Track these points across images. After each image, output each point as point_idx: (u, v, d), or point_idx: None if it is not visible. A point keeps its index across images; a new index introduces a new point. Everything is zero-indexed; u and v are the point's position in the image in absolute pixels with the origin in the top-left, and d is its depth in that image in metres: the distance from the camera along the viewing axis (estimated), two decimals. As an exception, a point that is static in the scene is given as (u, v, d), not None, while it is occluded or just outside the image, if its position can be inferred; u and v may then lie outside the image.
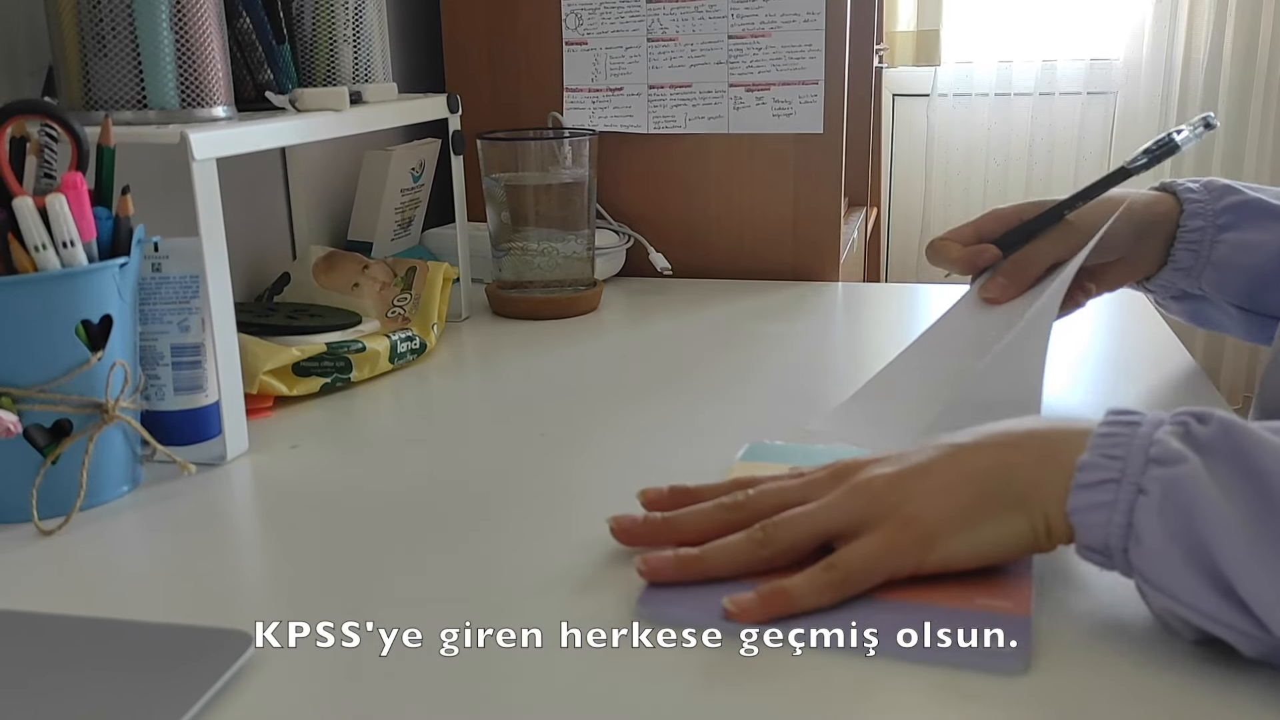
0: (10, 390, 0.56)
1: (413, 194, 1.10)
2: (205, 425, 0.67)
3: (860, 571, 0.47)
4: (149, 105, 0.66)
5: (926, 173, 2.68)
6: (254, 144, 0.70)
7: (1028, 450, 0.47)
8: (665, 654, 0.44)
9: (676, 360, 0.87)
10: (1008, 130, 2.61)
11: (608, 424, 0.71)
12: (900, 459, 0.49)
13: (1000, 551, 0.47)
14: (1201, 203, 0.73)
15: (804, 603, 0.46)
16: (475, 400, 0.80)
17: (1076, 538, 0.45)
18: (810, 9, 1.06)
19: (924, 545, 0.47)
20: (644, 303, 1.05)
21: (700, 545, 0.50)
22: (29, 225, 0.55)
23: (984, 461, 0.48)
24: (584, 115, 1.13)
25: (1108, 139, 2.56)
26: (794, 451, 0.64)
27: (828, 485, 0.50)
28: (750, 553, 0.49)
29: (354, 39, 0.85)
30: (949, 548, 0.47)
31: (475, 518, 0.58)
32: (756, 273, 1.13)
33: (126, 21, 0.65)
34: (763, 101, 1.09)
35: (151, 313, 0.65)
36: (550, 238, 0.98)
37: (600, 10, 1.10)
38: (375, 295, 0.91)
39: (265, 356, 0.74)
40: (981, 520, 0.47)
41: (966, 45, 2.62)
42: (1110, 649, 0.44)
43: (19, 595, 0.51)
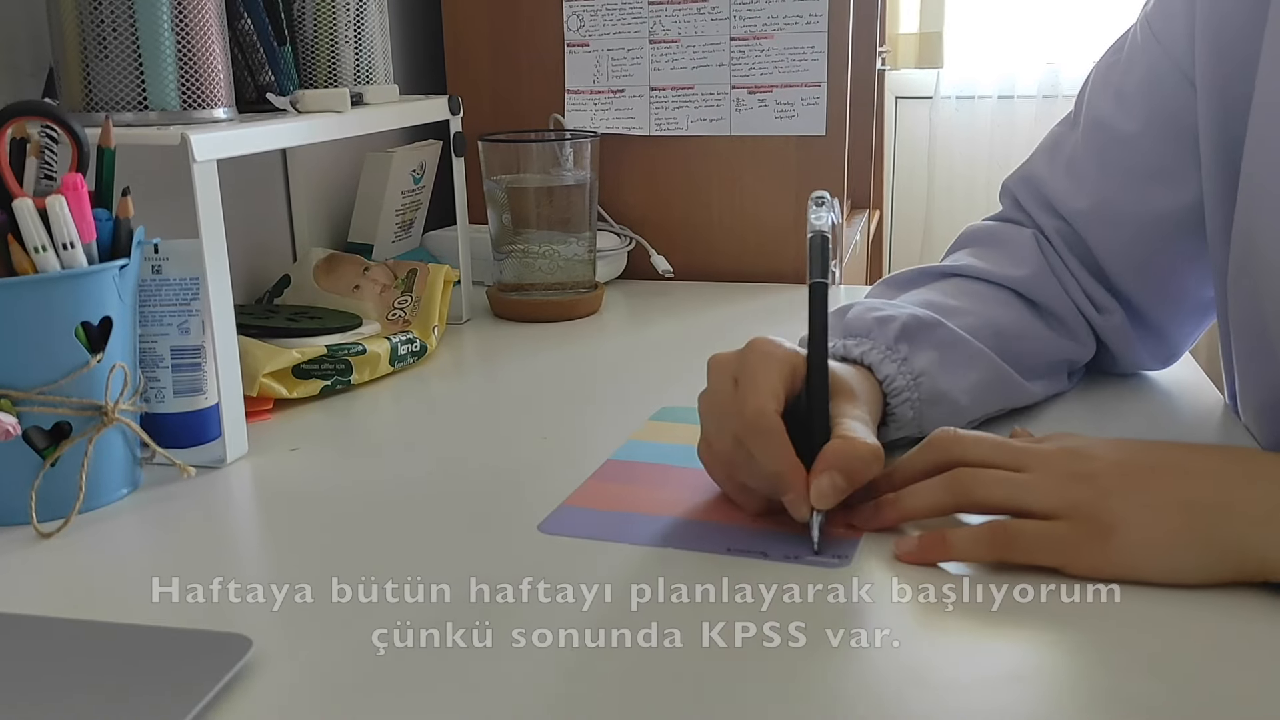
0: (10, 392, 0.56)
1: (414, 196, 1.09)
2: (205, 428, 0.67)
3: (1033, 552, 0.49)
4: (150, 107, 0.66)
5: (929, 175, 2.68)
6: (255, 146, 0.70)
7: (1256, 497, 0.47)
8: (667, 654, 0.44)
9: (678, 363, 0.87)
10: (1010, 133, 2.60)
11: (609, 427, 0.71)
12: (1124, 460, 0.50)
13: (1188, 580, 0.47)
14: (887, 361, 0.64)
15: (961, 555, 0.50)
16: (476, 403, 0.80)
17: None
18: (813, 11, 1.06)
19: (1112, 560, 0.48)
20: (645, 305, 1.05)
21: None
22: (29, 227, 0.55)
23: (1207, 494, 0.48)
24: (586, 117, 1.13)
25: (1110, 142, 2.55)
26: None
27: (1046, 461, 0.51)
28: (938, 500, 0.52)
29: (355, 40, 0.85)
30: (1136, 567, 0.48)
31: (476, 520, 0.58)
32: (758, 275, 1.13)
33: (128, 23, 0.65)
34: (765, 104, 1.09)
35: (151, 315, 0.65)
36: (552, 240, 0.98)
37: (602, 12, 1.10)
38: (376, 298, 0.90)
39: (265, 359, 0.74)
40: (1182, 551, 0.47)
41: (969, 48, 2.62)
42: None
43: (17, 598, 0.50)
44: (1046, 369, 0.72)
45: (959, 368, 0.65)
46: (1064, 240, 0.73)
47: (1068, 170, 0.73)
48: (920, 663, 0.44)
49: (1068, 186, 0.72)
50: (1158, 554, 0.47)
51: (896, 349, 0.63)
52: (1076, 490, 0.49)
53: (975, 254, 0.74)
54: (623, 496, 0.60)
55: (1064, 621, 0.46)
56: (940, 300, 0.69)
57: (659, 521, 0.57)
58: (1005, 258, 0.73)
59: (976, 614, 0.48)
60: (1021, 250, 0.72)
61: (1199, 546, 0.47)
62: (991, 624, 0.47)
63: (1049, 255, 0.72)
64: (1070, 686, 0.42)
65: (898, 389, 0.62)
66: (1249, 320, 0.62)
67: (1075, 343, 0.73)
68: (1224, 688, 0.41)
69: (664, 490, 0.60)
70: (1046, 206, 0.74)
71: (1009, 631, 0.46)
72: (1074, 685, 0.42)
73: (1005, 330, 0.69)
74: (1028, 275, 0.71)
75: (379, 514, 0.59)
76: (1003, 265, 0.72)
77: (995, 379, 0.67)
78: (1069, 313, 0.72)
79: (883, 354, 0.63)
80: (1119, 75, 0.72)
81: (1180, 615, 0.46)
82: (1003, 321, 0.69)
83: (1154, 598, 0.47)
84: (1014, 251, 0.73)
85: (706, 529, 0.56)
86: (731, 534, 0.55)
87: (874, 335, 0.64)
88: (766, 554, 0.53)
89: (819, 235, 0.57)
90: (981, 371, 0.66)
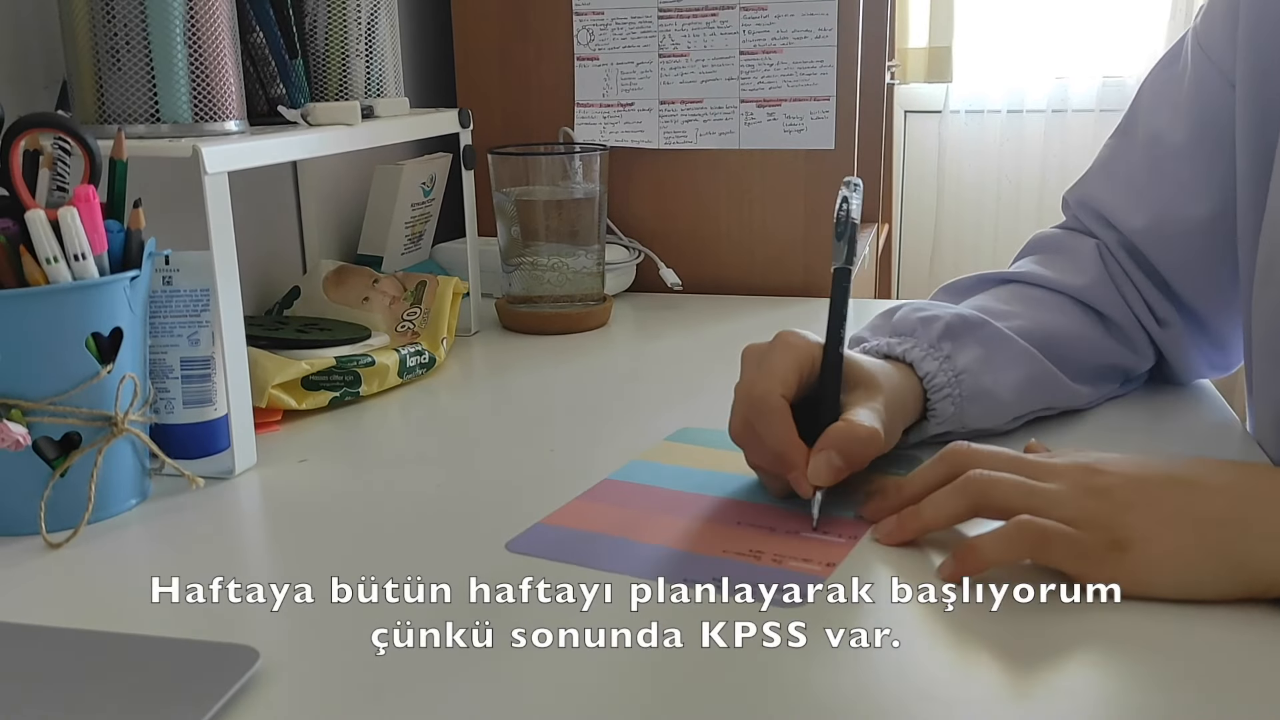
0: (20, 402, 0.56)
1: (423, 208, 1.10)
2: (214, 439, 0.67)
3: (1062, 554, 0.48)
4: (162, 119, 0.67)
5: (938, 189, 2.68)
6: (266, 158, 0.70)
7: (1270, 513, 0.47)
8: (667, 654, 0.44)
9: (686, 376, 0.87)
10: (1020, 147, 2.60)
11: (617, 439, 0.71)
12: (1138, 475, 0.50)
13: (1201, 595, 0.47)
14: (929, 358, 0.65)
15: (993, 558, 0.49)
16: (484, 415, 0.80)
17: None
18: (822, 25, 1.06)
19: (1127, 574, 0.48)
20: (654, 318, 1.05)
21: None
22: (41, 238, 0.55)
23: (1220, 509, 0.48)
24: (595, 130, 1.13)
25: (1120, 156, 2.55)
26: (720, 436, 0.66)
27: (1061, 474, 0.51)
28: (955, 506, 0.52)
29: (366, 54, 0.85)
30: (1151, 583, 0.48)
31: (483, 532, 0.58)
32: (767, 289, 1.13)
33: (140, 36, 0.66)
34: (774, 117, 1.09)
35: (162, 326, 0.65)
36: (560, 253, 0.98)
37: (612, 26, 1.11)
38: (385, 309, 0.91)
39: (274, 370, 0.74)
40: (1196, 567, 0.47)
41: (978, 62, 2.62)
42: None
43: (26, 608, 0.51)
44: (1097, 373, 0.72)
45: (1003, 366, 0.66)
46: (1126, 252, 0.73)
47: (1126, 186, 0.74)
48: (920, 663, 0.44)
49: (1124, 203, 0.73)
50: (1172, 569, 0.47)
51: (939, 347, 0.65)
52: (1092, 503, 0.49)
53: (1038, 261, 0.76)
54: (606, 518, 0.58)
55: (1064, 622, 0.47)
56: (992, 305, 0.71)
57: (632, 547, 0.55)
58: (1067, 265, 0.74)
59: (976, 614, 0.48)
60: (1083, 259, 0.74)
61: (1213, 562, 0.47)
62: (992, 624, 0.47)
63: (1109, 265, 0.73)
64: (1070, 687, 0.42)
65: (938, 385, 0.64)
66: (1272, 331, 0.62)
67: (1133, 352, 0.74)
68: (1226, 698, 0.41)
69: (650, 514, 0.59)
70: (1104, 222, 0.75)
71: (1009, 631, 0.46)
72: (1074, 686, 0.42)
73: (1056, 333, 0.70)
74: (1087, 283, 0.72)
75: (387, 525, 0.59)
76: (1063, 273, 0.73)
77: (1040, 378, 0.68)
78: (1128, 322, 0.73)
79: (924, 351, 0.65)
80: (1170, 88, 0.73)
81: (1181, 619, 0.46)
82: (1054, 325, 0.70)
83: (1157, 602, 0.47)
84: (1075, 260, 0.74)
85: (679, 558, 0.53)
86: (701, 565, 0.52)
87: (917, 334, 0.67)
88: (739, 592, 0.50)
89: (846, 221, 0.60)
90: (1026, 370, 0.67)
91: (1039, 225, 0.81)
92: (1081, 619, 0.47)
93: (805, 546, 0.54)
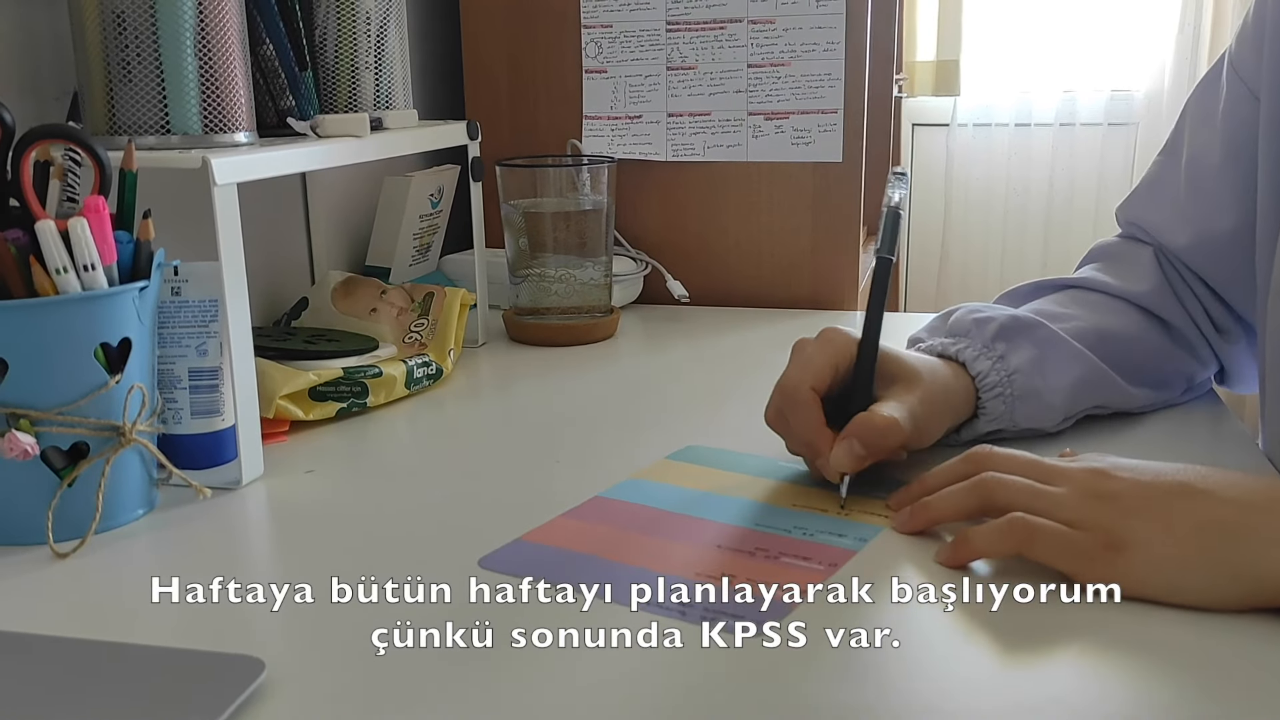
0: (29, 412, 0.56)
1: (431, 220, 1.10)
2: (221, 449, 0.67)
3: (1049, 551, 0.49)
4: (172, 130, 0.67)
5: (946, 202, 2.68)
6: (275, 169, 0.70)
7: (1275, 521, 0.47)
8: (667, 654, 0.44)
9: (693, 388, 0.87)
10: (1027, 161, 2.60)
11: (623, 451, 0.70)
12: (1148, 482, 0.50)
13: (1194, 601, 0.47)
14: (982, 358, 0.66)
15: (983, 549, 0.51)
16: (491, 426, 0.80)
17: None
18: (830, 39, 1.06)
19: (1120, 573, 0.48)
20: (661, 330, 1.05)
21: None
22: (51, 248, 0.56)
23: (1226, 516, 0.48)
24: (603, 143, 1.14)
25: (1129, 170, 2.55)
26: (724, 456, 0.68)
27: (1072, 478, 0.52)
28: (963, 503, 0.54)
29: (375, 66, 0.86)
30: (1143, 583, 0.48)
31: (490, 544, 0.58)
32: (774, 301, 1.13)
33: (151, 48, 0.66)
34: (781, 130, 1.09)
35: (170, 336, 0.66)
36: (568, 264, 0.98)
37: (620, 39, 1.11)
38: (392, 321, 0.91)
39: (282, 381, 0.74)
40: (1191, 571, 0.47)
41: (986, 75, 2.62)
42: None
43: (33, 618, 0.51)
44: (1155, 378, 0.73)
45: (1056, 367, 0.67)
46: (1182, 262, 0.74)
47: (1170, 206, 0.75)
48: (920, 663, 0.44)
49: (1168, 223, 0.75)
50: (1165, 572, 0.48)
51: (993, 347, 0.67)
52: (1097, 507, 0.50)
53: (1099, 269, 0.77)
54: (586, 536, 0.57)
55: (1064, 622, 0.47)
56: (1050, 308, 0.72)
57: (607, 566, 0.54)
58: (1127, 272, 0.75)
59: (976, 614, 0.48)
60: (1142, 266, 0.75)
61: (1208, 568, 0.47)
62: (991, 624, 0.47)
63: (1168, 272, 0.74)
64: (1070, 687, 0.42)
65: (990, 384, 0.66)
66: None
67: (1193, 358, 0.74)
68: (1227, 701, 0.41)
69: (630, 534, 0.58)
70: (1152, 239, 0.76)
71: (1009, 631, 0.46)
72: (1074, 686, 0.42)
73: (1112, 335, 0.70)
74: (1147, 290, 0.73)
75: (393, 536, 0.59)
76: (1124, 279, 0.74)
77: (1094, 378, 0.69)
78: (1188, 328, 0.74)
79: (978, 351, 0.67)
80: (1207, 108, 0.73)
81: (1183, 622, 0.46)
82: (1111, 327, 0.71)
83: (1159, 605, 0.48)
84: (1135, 268, 0.75)
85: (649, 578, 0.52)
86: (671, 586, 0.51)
87: (972, 335, 0.68)
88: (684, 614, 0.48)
89: (893, 210, 0.62)
90: (1080, 371, 0.68)
91: (1047, 238, 0.81)
92: (1081, 619, 0.47)
93: (781, 571, 0.52)
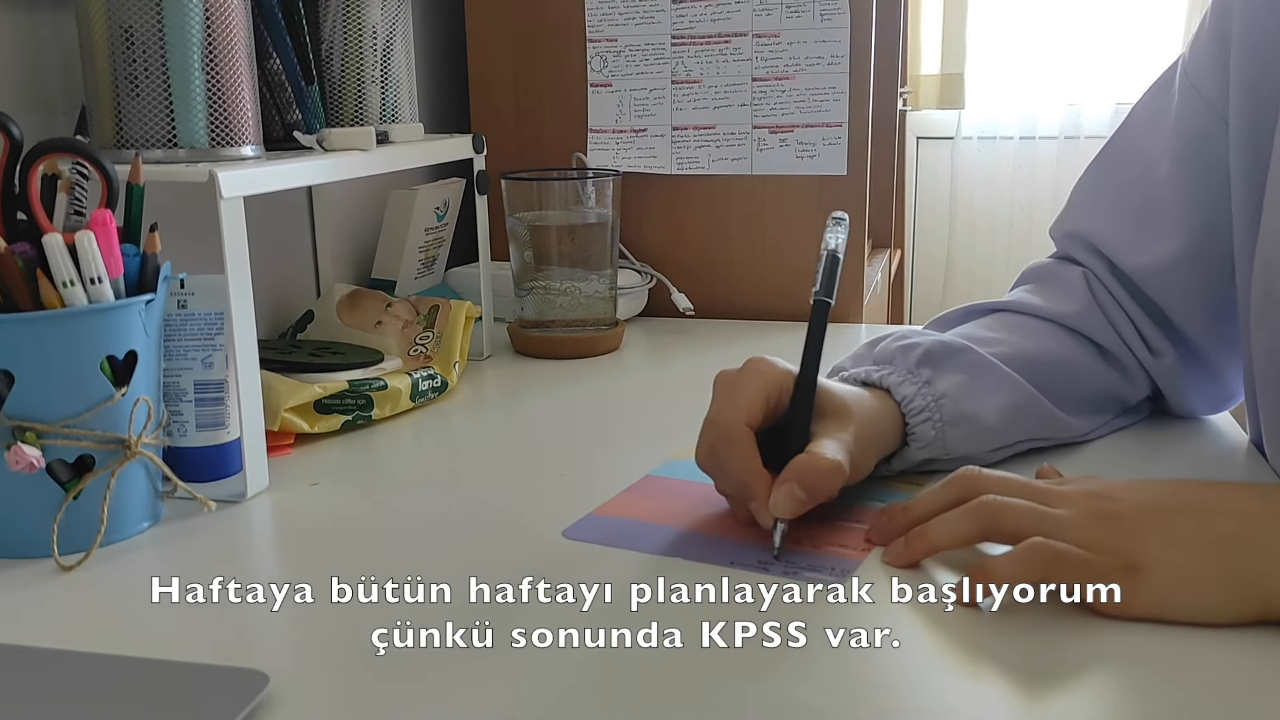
0: (35, 425, 0.56)
1: (437, 233, 1.10)
2: (226, 462, 0.68)
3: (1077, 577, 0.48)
4: (179, 144, 0.67)
5: (950, 215, 2.68)
6: (281, 183, 0.71)
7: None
8: (667, 654, 0.44)
9: (698, 400, 0.86)
10: (1032, 174, 2.61)
11: (629, 464, 0.70)
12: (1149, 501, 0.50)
13: (1214, 619, 0.47)
14: (907, 383, 0.65)
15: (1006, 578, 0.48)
16: (496, 439, 0.80)
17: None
18: (834, 53, 1.06)
19: (1140, 598, 0.47)
20: (666, 343, 1.05)
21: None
22: (58, 261, 0.56)
23: (1233, 531, 0.48)
24: (608, 156, 1.14)
25: (1133, 183, 2.55)
26: None
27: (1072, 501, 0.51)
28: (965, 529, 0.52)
29: (381, 80, 0.86)
30: (1163, 606, 0.47)
31: (495, 557, 0.58)
32: (779, 314, 1.13)
33: (159, 62, 0.66)
34: (786, 143, 1.09)
35: (176, 349, 0.66)
36: (573, 277, 0.98)
37: (625, 53, 1.11)
38: (398, 333, 0.91)
39: (287, 393, 0.74)
40: (1209, 589, 0.47)
41: (991, 89, 2.62)
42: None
43: (38, 631, 0.51)
44: (1090, 404, 0.72)
45: (985, 391, 0.66)
46: (1117, 280, 0.73)
47: (1115, 216, 0.74)
48: (920, 663, 0.44)
49: (1114, 234, 0.73)
50: (1184, 592, 0.47)
51: (918, 373, 0.65)
52: (1104, 529, 0.49)
53: (1029, 290, 0.76)
54: (647, 508, 0.62)
55: (1064, 622, 0.47)
56: (977, 333, 0.70)
57: (671, 532, 0.59)
58: (1056, 293, 0.74)
59: (976, 614, 0.48)
60: (1071, 287, 0.74)
61: (1226, 585, 0.47)
62: (991, 624, 0.47)
63: (1098, 292, 0.73)
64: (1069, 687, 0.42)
65: (916, 409, 0.64)
66: (1274, 360, 0.61)
67: (1125, 379, 0.73)
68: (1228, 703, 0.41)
69: (687, 504, 0.62)
70: (1093, 251, 0.74)
71: (1009, 631, 0.46)
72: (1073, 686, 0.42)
73: (1041, 359, 0.69)
74: (1075, 311, 0.72)
75: (398, 549, 0.59)
76: (1052, 300, 0.73)
77: (1026, 404, 0.67)
78: (1118, 349, 0.72)
79: (902, 377, 0.65)
80: (1159, 119, 0.72)
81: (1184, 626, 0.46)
82: (1040, 351, 0.70)
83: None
84: (1063, 288, 0.74)
85: (713, 542, 0.57)
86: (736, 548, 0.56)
87: (896, 361, 0.66)
88: (768, 567, 0.54)
89: (831, 254, 0.60)
90: (1010, 396, 0.66)
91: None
92: (1081, 620, 0.47)
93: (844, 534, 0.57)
